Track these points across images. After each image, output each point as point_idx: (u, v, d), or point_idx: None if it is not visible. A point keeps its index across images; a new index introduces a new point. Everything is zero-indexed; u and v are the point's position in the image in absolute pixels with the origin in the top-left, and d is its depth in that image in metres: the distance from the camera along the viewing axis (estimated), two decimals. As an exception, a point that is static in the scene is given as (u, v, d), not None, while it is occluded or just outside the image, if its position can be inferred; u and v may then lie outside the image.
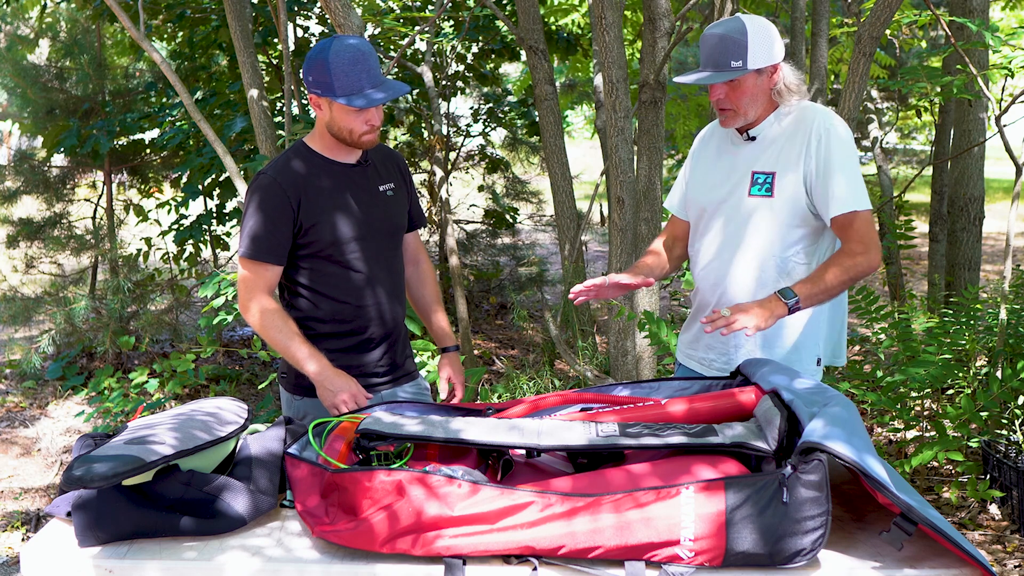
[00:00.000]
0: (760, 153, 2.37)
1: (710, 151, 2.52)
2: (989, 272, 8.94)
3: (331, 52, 2.24)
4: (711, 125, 2.59)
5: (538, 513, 1.64)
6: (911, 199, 11.22)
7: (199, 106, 5.99)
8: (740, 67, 2.26)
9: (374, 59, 2.28)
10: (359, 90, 2.25)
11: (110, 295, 6.16)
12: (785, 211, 2.32)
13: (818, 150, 2.29)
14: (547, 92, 5.40)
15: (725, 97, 2.33)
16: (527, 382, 5.05)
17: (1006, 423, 3.84)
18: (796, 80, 2.35)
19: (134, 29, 4.08)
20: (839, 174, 2.27)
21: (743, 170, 2.39)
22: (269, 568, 1.68)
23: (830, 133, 2.29)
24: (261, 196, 2.34)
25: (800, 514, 1.61)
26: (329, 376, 2.29)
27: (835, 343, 2.50)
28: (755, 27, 2.27)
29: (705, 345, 2.53)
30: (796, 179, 2.31)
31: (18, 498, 4.45)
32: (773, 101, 2.36)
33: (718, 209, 2.44)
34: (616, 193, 4.12)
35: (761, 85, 2.32)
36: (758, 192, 2.35)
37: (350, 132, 2.33)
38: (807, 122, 2.33)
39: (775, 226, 2.34)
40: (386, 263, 2.48)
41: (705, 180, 2.50)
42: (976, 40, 4.98)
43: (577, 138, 21.96)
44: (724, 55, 2.27)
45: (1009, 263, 4.13)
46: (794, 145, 2.32)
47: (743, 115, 2.34)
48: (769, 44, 2.28)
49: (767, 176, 2.34)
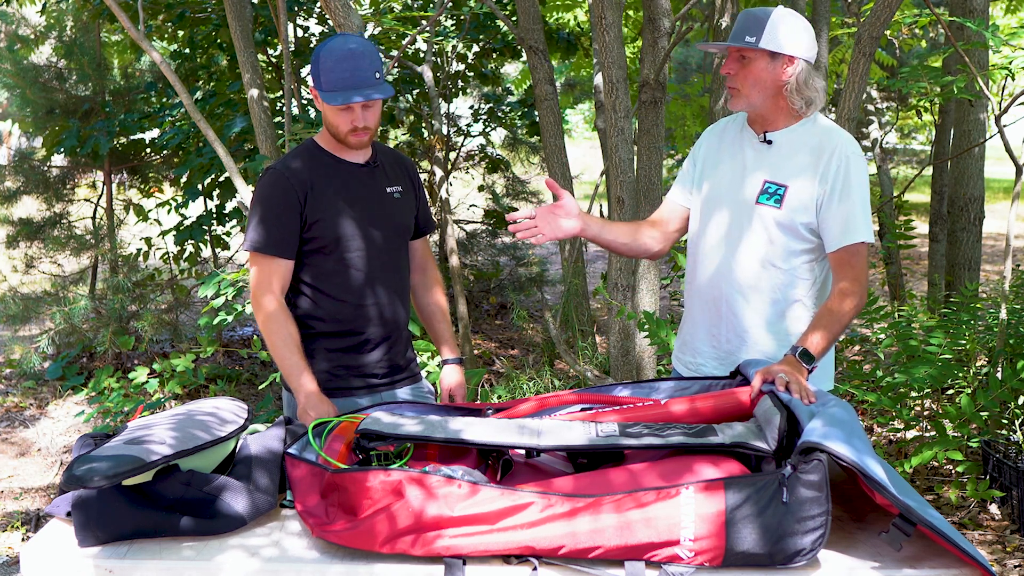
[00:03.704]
0: (776, 162, 2.34)
1: (723, 146, 2.47)
2: (989, 272, 8.94)
3: (326, 48, 2.28)
4: (725, 120, 2.55)
5: (539, 513, 1.64)
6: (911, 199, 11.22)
7: (199, 106, 5.99)
8: (752, 43, 2.25)
9: (368, 61, 2.27)
10: (340, 88, 2.27)
11: (110, 295, 6.16)
12: (790, 225, 2.30)
13: (836, 175, 2.26)
14: (547, 92, 5.40)
15: (734, 73, 2.32)
16: (527, 382, 5.05)
17: (1006, 423, 3.84)
18: (815, 86, 2.31)
19: (134, 29, 4.08)
20: (852, 204, 2.25)
21: (756, 175, 2.36)
22: (268, 568, 1.68)
23: (850, 161, 2.27)
24: (268, 190, 2.35)
25: (800, 514, 1.61)
26: (314, 402, 2.28)
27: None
28: (783, 14, 2.27)
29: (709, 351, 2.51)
30: (808, 198, 2.29)
31: (18, 498, 4.45)
32: (792, 105, 2.32)
33: (724, 207, 2.41)
34: (616, 193, 4.12)
35: (772, 72, 2.28)
36: (766, 201, 2.32)
37: (336, 129, 2.35)
38: (830, 144, 2.30)
39: (778, 237, 2.32)
40: (389, 264, 2.47)
41: (714, 175, 2.46)
42: (976, 40, 4.98)
43: (577, 138, 21.97)
44: (743, 30, 2.28)
45: (1009, 263, 4.13)
46: (812, 163, 2.29)
47: (747, 97, 2.31)
48: (792, 35, 2.26)
49: (779, 188, 2.31)
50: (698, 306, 2.48)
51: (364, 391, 2.46)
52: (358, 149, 2.41)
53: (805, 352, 2.11)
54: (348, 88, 2.27)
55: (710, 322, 2.44)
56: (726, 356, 2.43)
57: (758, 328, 2.37)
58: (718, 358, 2.44)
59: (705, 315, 2.46)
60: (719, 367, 2.44)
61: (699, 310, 2.48)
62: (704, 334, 2.47)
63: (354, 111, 2.30)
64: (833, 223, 2.27)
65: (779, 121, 2.35)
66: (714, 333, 2.44)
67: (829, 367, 2.44)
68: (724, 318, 2.41)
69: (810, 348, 2.12)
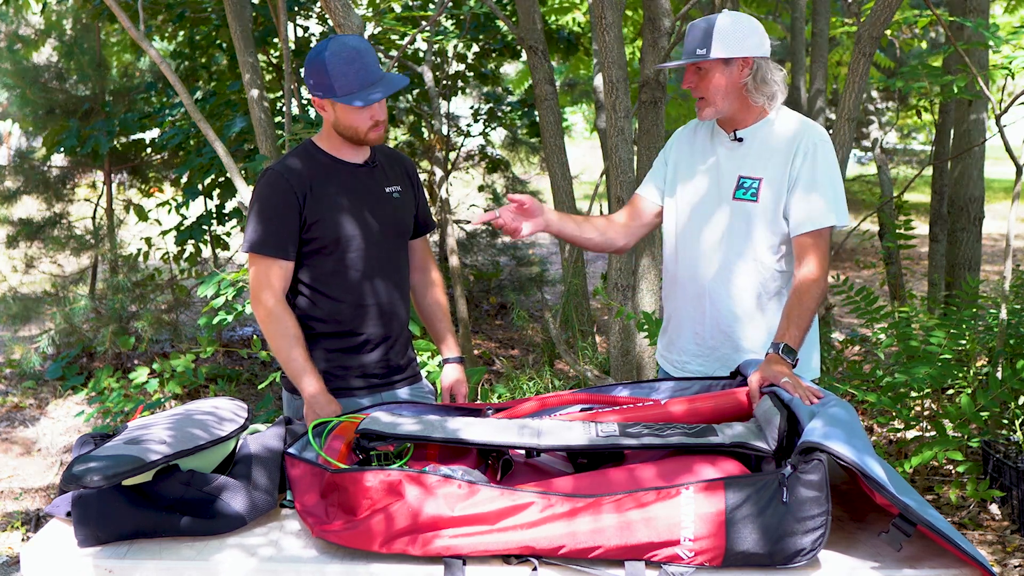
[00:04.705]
0: (747, 158, 2.40)
1: (696, 149, 2.52)
2: (989, 272, 8.93)
3: (327, 54, 2.26)
4: (695, 122, 2.60)
5: (539, 513, 1.64)
6: (911, 199, 11.21)
7: (199, 106, 5.99)
8: (703, 54, 2.30)
9: (371, 56, 2.28)
10: (357, 88, 2.26)
11: (110, 295, 6.15)
12: (768, 218, 2.36)
13: (803, 162, 2.32)
14: (547, 92, 5.40)
15: (694, 86, 2.38)
16: (527, 382, 5.05)
17: (1006, 423, 3.84)
18: (774, 79, 2.36)
19: (134, 29, 4.08)
20: (817, 190, 2.30)
21: (730, 172, 2.41)
22: (268, 568, 1.68)
23: (817, 148, 2.33)
24: (267, 191, 2.34)
25: (800, 514, 1.61)
26: (321, 402, 2.29)
27: None
28: (728, 20, 2.32)
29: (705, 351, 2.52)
30: (779, 188, 2.34)
31: (18, 498, 4.45)
32: (754, 103, 2.38)
33: (702, 206, 2.45)
34: (616, 193, 4.12)
35: (730, 77, 2.34)
36: (743, 196, 2.38)
37: (355, 130, 2.34)
38: (797, 134, 2.36)
39: (757, 230, 2.37)
40: (388, 264, 2.47)
41: (689, 175, 2.50)
42: (976, 40, 4.98)
43: (577, 138, 21.96)
44: (693, 43, 2.33)
45: (1009, 263, 4.13)
46: (782, 154, 2.35)
47: (713, 105, 2.37)
48: (740, 38, 2.31)
49: (753, 181, 2.37)
50: (681, 305, 2.53)
51: (364, 391, 2.46)
52: (377, 143, 2.41)
53: (787, 348, 2.14)
54: (365, 86, 2.26)
55: (694, 320, 2.49)
56: (710, 352, 2.47)
57: (742, 323, 2.42)
58: (703, 355, 2.49)
59: (688, 313, 2.50)
60: (705, 363, 2.48)
61: (682, 309, 2.52)
62: (688, 332, 2.51)
63: (374, 107, 2.31)
64: (798, 208, 2.32)
65: (748, 119, 2.41)
66: (698, 331, 2.48)
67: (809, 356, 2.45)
68: (708, 315, 2.45)
69: (790, 343, 2.15)
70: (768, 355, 2.14)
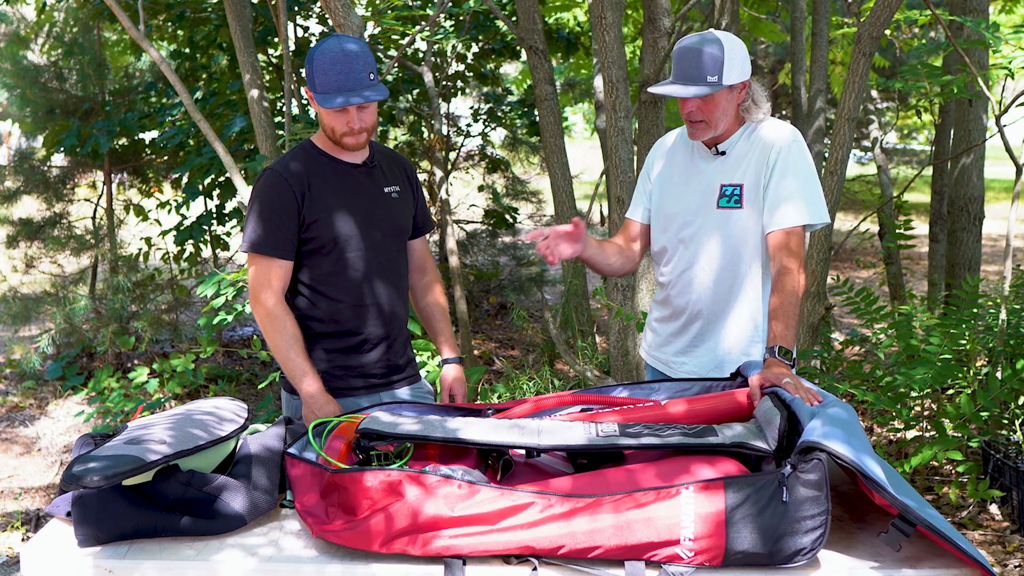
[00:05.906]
0: (729, 167, 2.43)
1: (677, 163, 2.55)
2: (989, 272, 8.94)
3: (319, 50, 2.28)
4: (673, 134, 2.62)
5: (538, 513, 1.64)
6: (911, 199, 11.22)
7: (199, 106, 5.99)
8: (716, 82, 2.31)
9: (361, 62, 2.27)
10: (333, 90, 2.26)
11: (110, 295, 6.15)
12: (752, 222, 2.39)
13: (775, 161, 2.35)
14: (547, 92, 5.40)
15: (697, 110, 2.38)
16: (527, 382, 5.05)
17: (1006, 423, 3.83)
18: (762, 95, 2.42)
19: (134, 29, 4.08)
20: (790, 188, 2.33)
21: (712, 183, 2.44)
22: (268, 568, 1.69)
23: (790, 147, 2.35)
24: (266, 191, 2.35)
25: (800, 513, 1.61)
26: (320, 402, 2.29)
27: None
28: (731, 44, 2.33)
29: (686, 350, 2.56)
30: (759, 191, 2.37)
31: (18, 498, 4.45)
32: (740, 116, 2.42)
33: (688, 220, 2.48)
34: (616, 193, 4.12)
35: (732, 100, 2.38)
36: (727, 204, 2.41)
37: (332, 131, 2.35)
38: (771, 138, 2.39)
39: (744, 236, 2.40)
40: (387, 264, 2.47)
41: (673, 192, 2.53)
42: (976, 39, 4.98)
43: (577, 138, 21.96)
44: (701, 69, 2.31)
45: (1009, 263, 4.13)
46: (758, 159, 2.38)
47: (714, 128, 2.39)
48: (742, 61, 2.35)
49: (735, 188, 2.40)
50: (670, 309, 2.56)
51: (363, 391, 2.46)
52: (355, 150, 2.41)
53: (783, 350, 2.16)
54: (342, 90, 2.26)
55: (684, 321, 2.53)
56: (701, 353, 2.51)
57: (732, 324, 2.46)
58: (693, 355, 2.52)
59: (679, 318, 2.54)
60: (695, 364, 2.51)
61: (671, 313, 2.56)
62: (678, 333, 2.55)
63: (349, 113, 2.30)
64: (770, 206, 2.35)
65: (730, 133, 2.44)
66: (687, 331, 2.52)
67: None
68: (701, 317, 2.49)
69: (784, 344, 2.17)
70: (766, 360, 2.15)
